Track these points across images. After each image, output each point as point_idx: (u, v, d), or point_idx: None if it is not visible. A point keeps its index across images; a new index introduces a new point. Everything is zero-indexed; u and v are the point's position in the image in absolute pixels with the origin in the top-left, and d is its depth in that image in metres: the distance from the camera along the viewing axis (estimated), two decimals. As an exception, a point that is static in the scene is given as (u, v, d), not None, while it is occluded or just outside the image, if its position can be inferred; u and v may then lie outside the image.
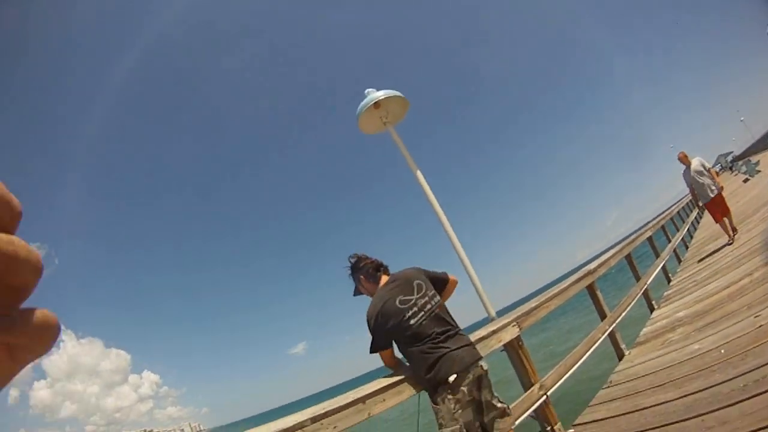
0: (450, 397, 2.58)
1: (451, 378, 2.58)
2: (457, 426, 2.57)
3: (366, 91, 4.19)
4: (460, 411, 2.59)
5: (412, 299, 2.77)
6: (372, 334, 2.78)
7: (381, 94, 4.10)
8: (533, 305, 3.87)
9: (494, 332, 3.32)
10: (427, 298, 2.79)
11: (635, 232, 8.11)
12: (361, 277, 2.99)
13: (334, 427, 2.28)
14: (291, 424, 2.14)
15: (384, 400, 2.54)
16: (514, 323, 3.54)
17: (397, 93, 4.17)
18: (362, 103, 4.15)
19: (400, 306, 2.74)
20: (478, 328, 3.35)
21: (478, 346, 2.87)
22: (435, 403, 2.61)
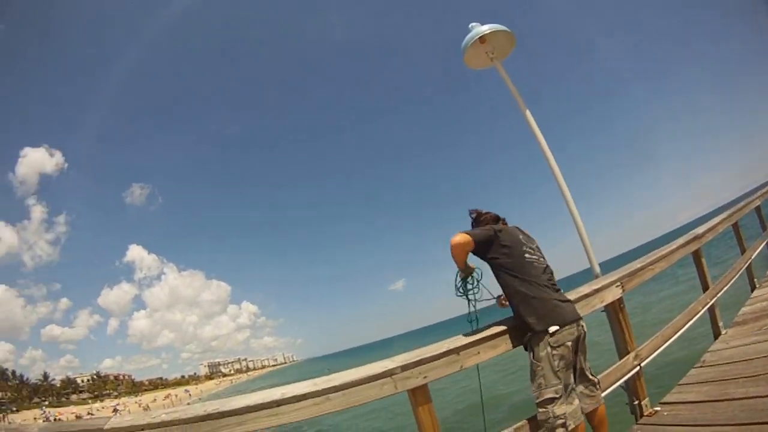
0: (555, 352, 2.40)
1: (553, 328, 2.41)
2: (560, 384, 2.40)
3: (470, 25, 4.05)
4: (563, 369, 2.42)
5: (533, 246, 2.73)
6: (480, 227, 2.73)
7: (486, 29, 3.95)
8: (638, 266, 3.58)
9: (597, 291, 3.10)
10: (542, 255, 2.74)
11: (742, 198, 7.19)
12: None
13: (425, 377, 2.19)
14: (380, 371, 2.11)
15: (478, 353, 2.42)
16: (618, 283, 3.29)
17: (503, 27, 3.99)
18: (467, 38, 4.02)
19: (522, 241, 2.68)
20: (576, 280, 3.01)
21: (579, 304, 2.74)
22: (536, 357, 2.43)
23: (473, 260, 2.70)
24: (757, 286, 6.04)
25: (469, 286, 2.71)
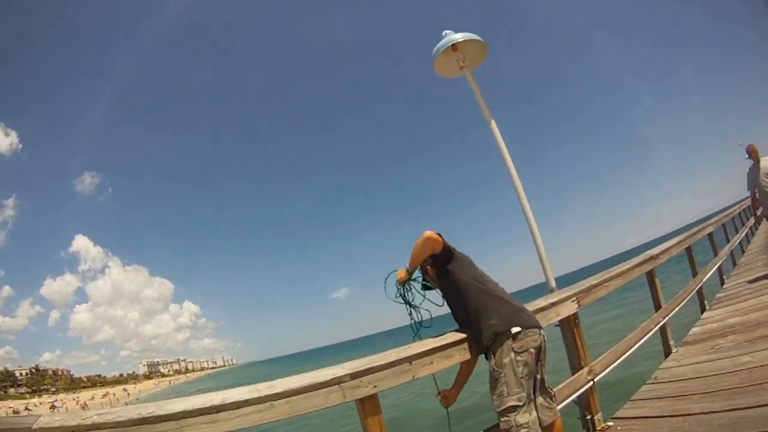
0: (519, 358, 2.34)
1: (515, 329, 2.36)
2: (523, 393, 2.33)
3: (444, 33, 4.02)
4: (526, 377, 2.36)
5: None
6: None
7: (459, 37, 3.92)
8: (593, 282, 3.63)
9: (553, 305, 3.11)
10: None
11: (686, 227, 7.49)
12: (427, 267, 2.74)
13: (374, 387, 2.09)
14: (328, 378, 1.99)
15: (431, 363, 2.34)
16: (574, 298, 3.32)
17: (476, 36, 3.95)
18: (439, 45, 3.99)
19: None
20: (527, 296, 3.04)
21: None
22: (498, 363, 2.36)
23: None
24: (708, 308, 6.22)
25: (408, 296, 2.70)
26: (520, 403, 2.29)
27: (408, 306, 2.68)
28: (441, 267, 2.62)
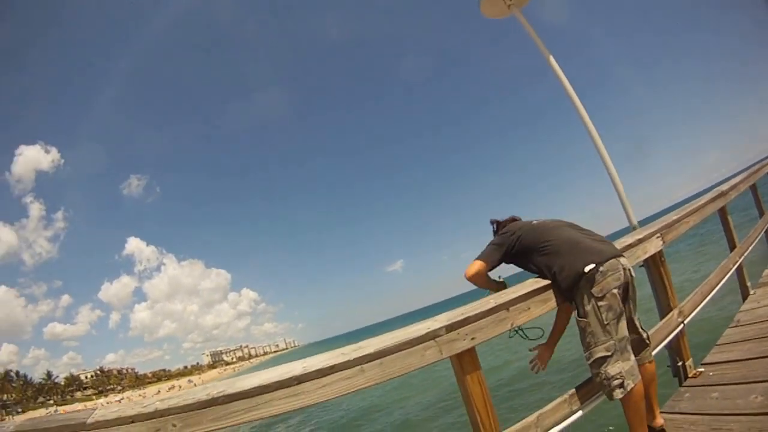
0: (601, 303, 2.07)
1: (588, 267, 2.09)
2: (612, 340, 2.07)
3: None
4: (613, 321, 2.09)
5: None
6: (497, 238, 2.48)
7: None
8: (674, 218, 3.38)
9: (641, 241, 2.84)
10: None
11: (736, 174, 7.02)
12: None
13: (472, 339, 1.83)
14: (423, 333, 1.73)
15: (529, 308, 2.09)
16: (658, 234, 3.04)
17: None
18: None
19: (543, 225, 2.46)
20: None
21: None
22: (580, 313, 2.13)
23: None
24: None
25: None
26: (609, 353, 2.07)
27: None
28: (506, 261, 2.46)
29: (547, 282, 2.19)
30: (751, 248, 4.68)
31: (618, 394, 2.03)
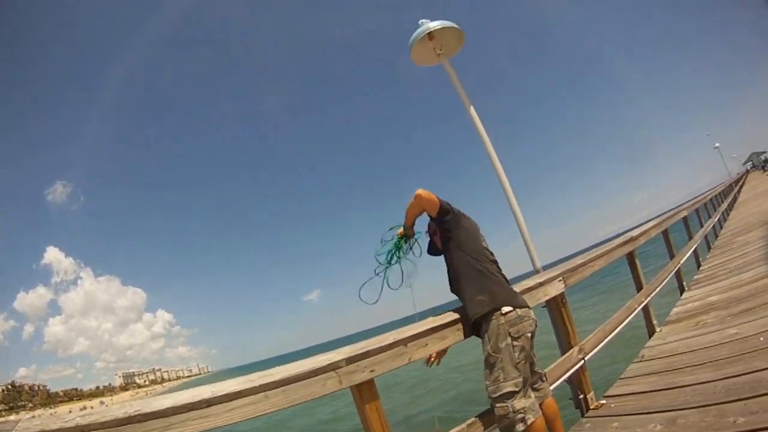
0: (516, 343, 2.31)
1: (506, 308, 2.33)
2: (520, 378, 2.29)
3: (420, 21, 3.98)
4: (523, 362, 2.33)
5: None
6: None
7: (435, 25, 3.89)
8: (579, 262, 3.69)
9: (541, 284, 3.12)
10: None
11: (656, 217, 7.68)
12: (434, 232, 2.73)
13: (372, 371, 2.02)
14: (324, 364, 1.91)
15: (426, 344, 2.30)
16: (561, 278, 3.34)
17: (452, 24, 3.94)
18: (415, 33, 3.95)
19: (480, 232, 2.66)
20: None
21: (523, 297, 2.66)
22: (494, 348, 2.31)
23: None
24: (686, 288, 6.39)
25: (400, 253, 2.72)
26: (517, 389, 2.26)
27: (398, 259, 2.72)
28: (442, 231, 2.59)
29: (446, 320, 2.40)
30: (658, 289, 5.06)
31: (520, 427, 2.22)
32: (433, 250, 2.78)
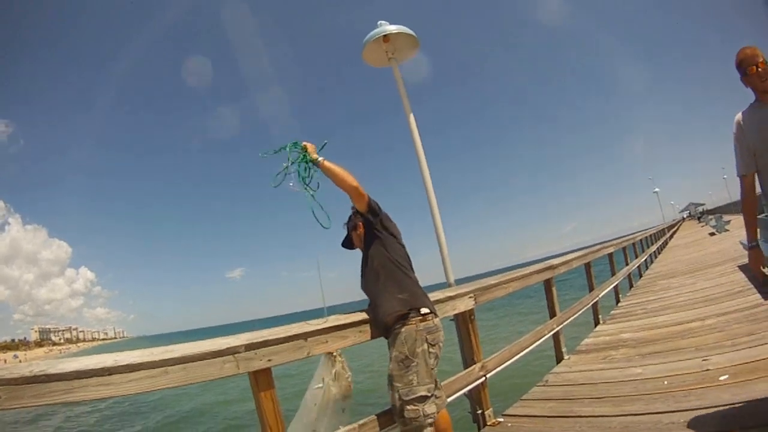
0: (432, 350, 2.41)
1: (425, 309, 2.44)
2: (432, 384, 2.41)
3: (378, 22, 4.06)
4: (435, 369, 2.44)
5: None
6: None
7: (393, 29, 3.96)
8: (493, 282, 3.82)
9: (451, 298, 3.23)
10: None
11: (584, 248, 7.99)
12: (357, 226, 2.75)
13: (269, 360, 2.12)
14: (223, 347, 1.99)
15: (327, 341, 2.40)
16: (471, 295, 3.46)
17: (409, 31, 4.02)
18: (371, 33, 4.02)
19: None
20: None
21: None
22: (411, 352, 2.37)
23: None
24: (602, 322, 6.64)
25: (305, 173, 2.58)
26: (429, 394, 2.35)
27: (303, 183, 2.58)
28: (367, 229, 2.65)
29: (350, 320, 2.50)
30: (571, 319, 5.26)
31: (429, 430, 2.35)
32: (347, 244, 2.83)
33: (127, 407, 13.53)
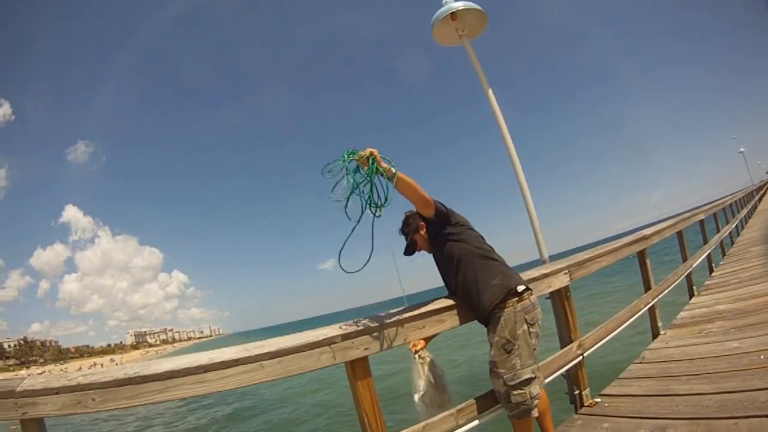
0: (532, 330, 2.32)
1: (521, 287, 2.34)
2: (536, 365, 2.33)
3: (443, 1, 3.96)
4: (536, 349, 2.35)
5: None
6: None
7: (459, 5, 3.86)
8: (586, 257, 3.64)
9: (546, 275, 3.08)
10: None
11: (674, 216, 7.51)
12: (419, 232, 2.60)
13: (366, 349, 2.06)
14: (320, 338, 1.96)
15: (423, 327, 2.31)
16: (566, 271, 3.31)
17: (476, 6, 3.91)
18: (438, 12, 3.93)
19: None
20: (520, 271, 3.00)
21: None
22: (512, 334, 2.27)
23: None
24: (696, 294, 6.28)
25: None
26: (533, 375, 2.28)
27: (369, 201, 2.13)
28: (437, 230, 2.52)
29: (444, 304, 2.41)
30: (667, 291, 4.98)
31: (535, 412, 2.29)
32: (411, 250, 2.63)
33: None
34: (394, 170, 2.15)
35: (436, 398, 2.43)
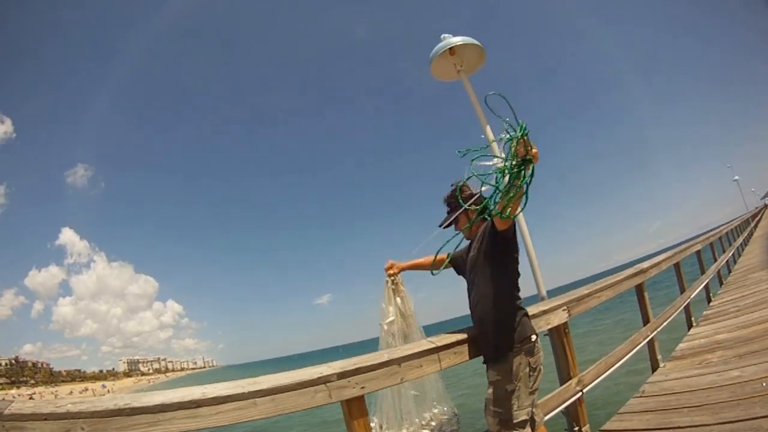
0: (533, 374, 2.30)
1: (534, 336, 2.33)
2: (531, 407, 2.30)
3: (441, 36, 4.02)
4: (535, 393, 2.34)
5: None
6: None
7: (457, 40, 3.93)
8: (585, 292, 3.62)
9: (544, 312, 3.07)
10: None
11: (672, 247, 7.51)
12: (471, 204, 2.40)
13: (362, 387, 2.01)
14: (315, 377, 1.90)
15: (421, 366, 2.26)
16: (565, 307, 3.29)
17: (474, 41, 3.97)
18: (436, 48, 3.99)
19: None
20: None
21: None
22: (515, 375, 2.25)
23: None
24: (695, 324, 6.27)
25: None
26: (528, 417, 2.26)
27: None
28: (504, 249, 2.36)
29: (441, 344, 2.34)
30: (665, 324, 4.95)
31: None
32: (451, 224, 2.52)
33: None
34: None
35: (403, 327, 2.46)
